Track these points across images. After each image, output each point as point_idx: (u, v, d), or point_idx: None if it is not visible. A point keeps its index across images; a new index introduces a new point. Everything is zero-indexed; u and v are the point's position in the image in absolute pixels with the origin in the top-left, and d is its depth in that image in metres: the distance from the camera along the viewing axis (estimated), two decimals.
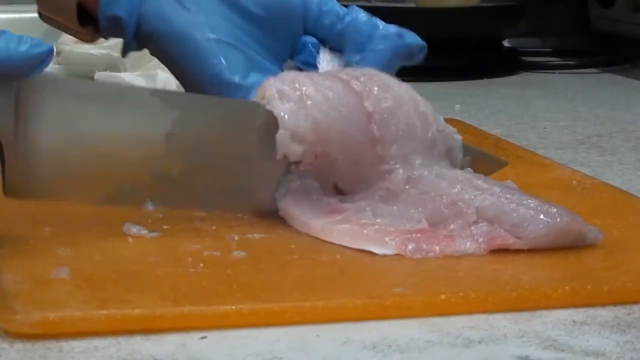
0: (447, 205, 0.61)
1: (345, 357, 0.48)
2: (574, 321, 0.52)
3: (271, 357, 0.48)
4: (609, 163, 0.87)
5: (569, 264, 0.58)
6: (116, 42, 1.19)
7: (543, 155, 0.86)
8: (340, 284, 0.55)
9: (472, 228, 0.60)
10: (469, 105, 1.13)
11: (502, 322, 0.52)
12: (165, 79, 1.01)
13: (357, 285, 0.55)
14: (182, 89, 0.71)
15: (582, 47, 1.54)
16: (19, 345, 0.48)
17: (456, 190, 0.62)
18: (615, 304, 0.54)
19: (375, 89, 0.65)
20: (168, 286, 0.53)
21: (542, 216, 0.60)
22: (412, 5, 1.35)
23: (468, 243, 0.59)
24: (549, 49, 1.54)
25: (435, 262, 0.58)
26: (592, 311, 0.53)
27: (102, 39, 0.75)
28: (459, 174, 0.64)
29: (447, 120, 0.69)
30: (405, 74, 1.34)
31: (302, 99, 0.63)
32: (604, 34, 1.51)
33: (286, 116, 0.62)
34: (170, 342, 0.49)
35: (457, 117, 1.03)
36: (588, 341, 0.50)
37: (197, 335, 0.50)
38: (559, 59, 1.46)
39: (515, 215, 0.60)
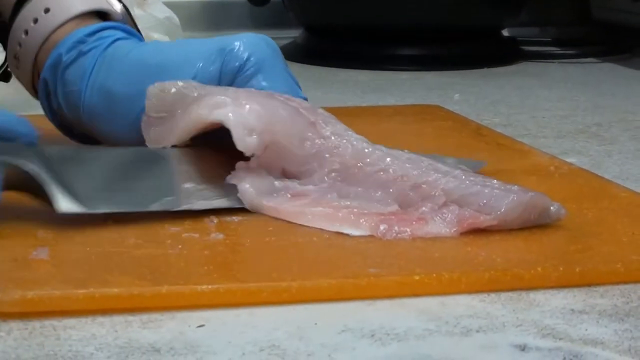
0: (411, 187, 0.62)
1: (343, 345, 0.48)
2: (572, 310, 0.52)
3: (269, 345, 0.48)
4: (609, 152, 0.87)
5: (542, 246, 0.59)
6: None
7: (523, 142, 0.86)
8: (316, 265, 0.56)
9: (443, 210, 0.61)
10: (468, 95, 1.13)
11: (500, 310, 0.52)
12: None
13: (333, 266, 0.56)
14: None
15: (582, 36, 1.54)
16: (16, 333, 0.48)
17: (417, 172, 0.63)
18: (587, 285, 0.55)
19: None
20: (146, 267, 0.54)
21: (507, 193, 0.61)
22: None
23: (440, 225, 0.60)
24: (549, 39, 1.54)
25: (411, 244, 0.58)
26: (590, 300, 0.53)
27: None
28: (403, 153, 0.65)
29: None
30: (404, 63, 1.35)
31: (238, 99, 0.64)
32: (604, 23, 1.51)
33: (231, 114, 0.63)
34: (168, 330, 0.49)
35: (439, 104, 1.04)
36: (586, 330, 0.50)
37: (195, 323, 0.50)
38: (558, 49, 1.46)
39: (481, 195, 0.61)
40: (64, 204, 0.59)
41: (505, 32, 1.48)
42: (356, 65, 1.33)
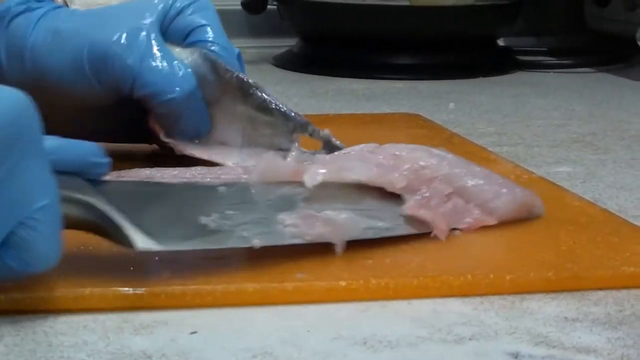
0: (411, 170, 0.61)
1: (336, 353, 0.48)
2: (566, 318, 0.52)
3: (262, 352, 0.47)
4: (603, 161, 0.87)
5: (477, 253, 0.59)
6: None
7: (493, 152, 0.86)
8: (244, 268, 0.56)
9: (448, 204, 0.61)
10: (463, 104, 1.13)
11: (493, 318, 0.52)
12: None
13: (261, 269, 0.55)
14: None
15: (578, 46, 1.54)
16: (7, 339, 0.48)
17: (409, 153, 0.62)
18: (516, 293, 0.55)
19: None
20: (73, 267, 0.54)
21: (504, 190, 0.62)
22: (406, 3, 1.35)
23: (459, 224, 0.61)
24: (544, 48, 1.54)
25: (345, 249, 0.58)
26: (583, 308, 0.53)
27: None
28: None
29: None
30: (399, 72, 1.35)
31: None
32: (600, 33, 1.51)
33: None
34: (160, 336, 0.49)
35: (434, 112, 1.04)
36: (579, 337, 0.50)
37: (187, 330, 0.50)
38: (554, 58, 1.46)
39: (481, 189, 0.61)
40: (141, 241, 0.53)
41: (500, 42, 1.49)
42: (351, 74, 1.33)
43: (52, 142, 0.53)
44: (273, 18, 1.49)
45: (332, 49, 1.39)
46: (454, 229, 0.61)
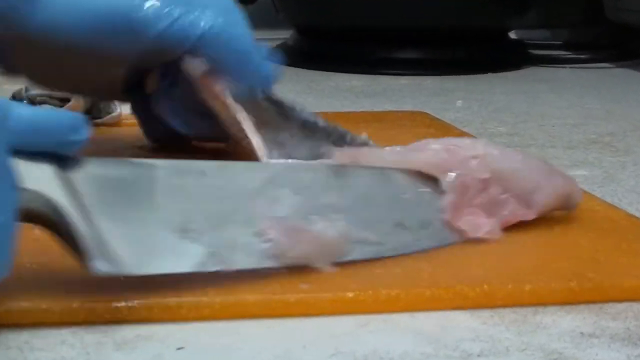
0: (444, 150, 0.63)
1: None
2: (582, 333, 0.52)
3: None
4: (623, 164, 0.87)
5: (492, 262, 0.59)
6: None
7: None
8: (247, 280, 0.55)
9: (485, 194, 0.61)
10: (471, 102, 1.14)
11: (503, 333, 0.52)
12: None
13: (264, 281, 0.55)
14: None
15: (595, 39, 1.54)
16: None
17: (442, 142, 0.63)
18: (535, 304, 0.55)
19: None
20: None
21: (544, 180, 0.63)
22: None
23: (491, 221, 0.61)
24: (559, 42, 1.55)
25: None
26: (601, 322, 0.53)
27: None
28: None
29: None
30: (403, 67, 1.35)
31: None
32: (618, 25, 1.52)
33: None
34: (143, 352, 0.49)
35: (440, 110, 1.04)
36: (597, 354, 0.50)
37: (173, 345, 0.49)
38: (569, 52, 1.47)
39: (522, 178, 0.62)
40: (100, 264, 0.51)
41: (512, 35, 1.49)
42: (351, 69, 1.33)
43: (27, 111, 0.52)
44: (267, 9, 1.49)
45: (330, 42, 1.39)
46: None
